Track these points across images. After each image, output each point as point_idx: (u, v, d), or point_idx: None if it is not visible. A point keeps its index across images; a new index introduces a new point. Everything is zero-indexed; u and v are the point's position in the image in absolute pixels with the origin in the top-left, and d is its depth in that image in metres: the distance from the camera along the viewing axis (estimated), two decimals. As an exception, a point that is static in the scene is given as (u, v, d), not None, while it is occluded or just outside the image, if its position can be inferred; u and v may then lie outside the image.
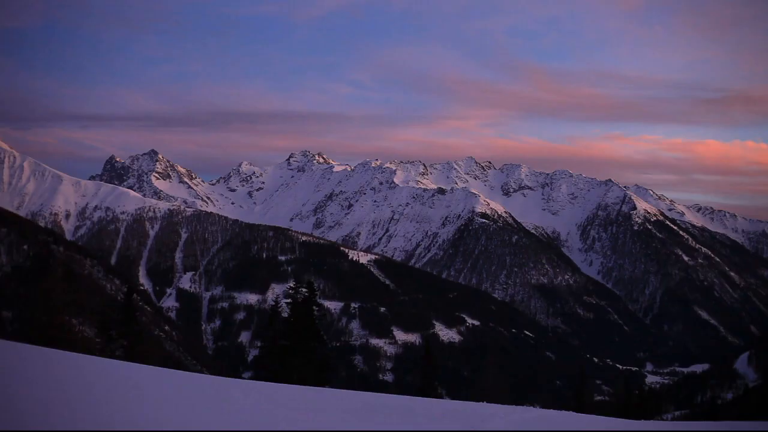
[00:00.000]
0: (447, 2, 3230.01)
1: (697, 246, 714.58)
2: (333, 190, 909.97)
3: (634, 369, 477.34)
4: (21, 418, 19.81)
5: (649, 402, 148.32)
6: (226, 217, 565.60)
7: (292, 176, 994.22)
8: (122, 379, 32.89)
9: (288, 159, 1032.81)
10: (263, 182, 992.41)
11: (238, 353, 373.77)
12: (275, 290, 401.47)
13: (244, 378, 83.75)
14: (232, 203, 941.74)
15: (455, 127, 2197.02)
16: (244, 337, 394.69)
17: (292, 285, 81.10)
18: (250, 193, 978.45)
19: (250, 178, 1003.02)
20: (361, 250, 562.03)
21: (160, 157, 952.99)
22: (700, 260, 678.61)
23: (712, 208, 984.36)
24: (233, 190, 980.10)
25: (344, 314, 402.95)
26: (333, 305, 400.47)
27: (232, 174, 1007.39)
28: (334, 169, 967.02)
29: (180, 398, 30.95)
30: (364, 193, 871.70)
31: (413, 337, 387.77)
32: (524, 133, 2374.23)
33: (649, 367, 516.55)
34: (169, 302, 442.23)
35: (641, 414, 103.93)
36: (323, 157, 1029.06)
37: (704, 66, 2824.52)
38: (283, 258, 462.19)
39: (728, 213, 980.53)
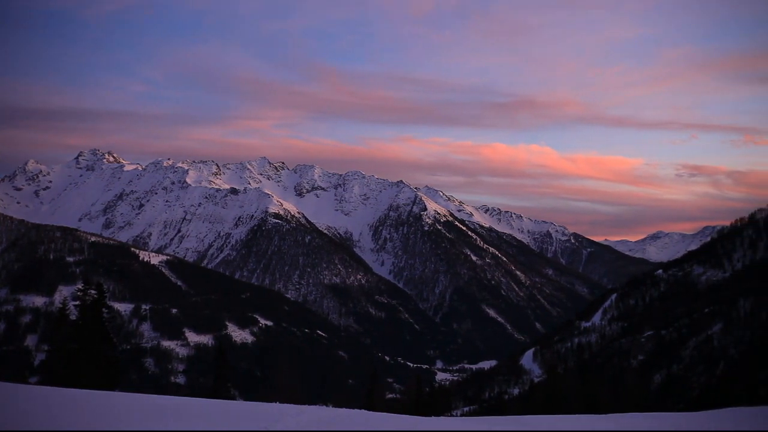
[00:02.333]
0: (242, 1, 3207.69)
1: (485, 246, 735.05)
2: (123, 190, 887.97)
3: (424, 367, 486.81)
4: None
5: (439, 399, 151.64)
6: (11, 217, 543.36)
7: (81, 175, 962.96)
8: None
9: (77, 157, 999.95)
10: (51, 181, 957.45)
11: (24, 358, 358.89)
12: (63, 292, 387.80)
13: (30, 383, 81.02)
14: (18, 203, 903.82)
15: (249, 127, 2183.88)
16: (31, 341, 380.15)
17: (80, 287, 79.12)
18: (36, 193, 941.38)
19: (37, 177, 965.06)
20: (152, 251, 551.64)
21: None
22: (487, 260, 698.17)
23: (499, 209, 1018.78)
24: (19, 189, 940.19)
25: (135, 316, 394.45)
26: (123, 307, 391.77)
27: (17, 172, 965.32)
28: (125, 169, 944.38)
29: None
30: (156, 193, 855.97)
31: (206, 339, 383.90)
32: (318, 134, 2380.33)
33: (439, 364, 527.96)
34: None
35: (432, 411, 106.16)
36: (113, 156, 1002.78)
37: (492, 71, 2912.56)
38: (71, 259, 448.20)
39: (514, 214, 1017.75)
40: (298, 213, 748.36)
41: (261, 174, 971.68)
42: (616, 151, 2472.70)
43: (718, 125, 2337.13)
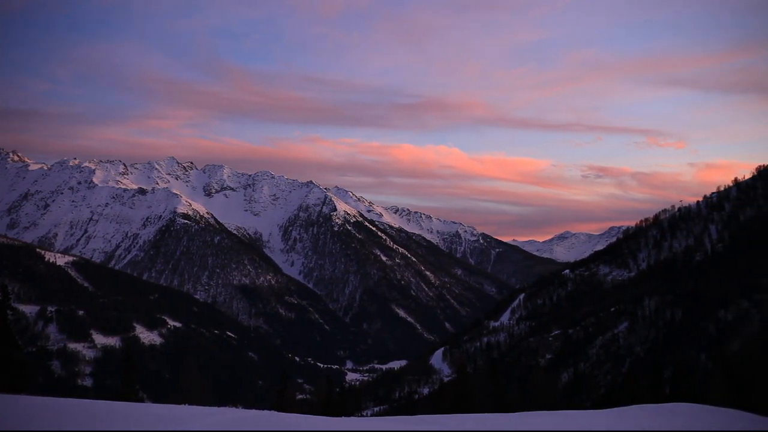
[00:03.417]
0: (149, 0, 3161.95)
1: (395, 246, 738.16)
2: (28, 190, 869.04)
3: (335, 367, 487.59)
4: None
5: (349, 399, 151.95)
6: None
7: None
8: None
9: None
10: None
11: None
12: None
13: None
14: None
15: (156, 127, 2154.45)
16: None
17: (-16, 289, 77.53)
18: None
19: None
20: (58, 252, 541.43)
21: None
22: (397, 260, 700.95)
23: (408, 209, 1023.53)
24: None
25: (40, 318, 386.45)
26: (28, 309, 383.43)
27: None
28: (30, 168, 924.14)
29: None
30: (62, 193, 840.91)
31: (113, 341, 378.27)
32: (226, 134, 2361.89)
33: (349, 364, 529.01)
34: None
35: (342, 411, 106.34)
36: (18, 155, 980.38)
37: (400, 72, 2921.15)
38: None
39: (424, 214, 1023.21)
40: (207, 213, 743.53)
41: (169, 174, 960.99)
42: (523, 153, 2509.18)
43: (622, 127, 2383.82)
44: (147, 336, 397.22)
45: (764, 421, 49.72)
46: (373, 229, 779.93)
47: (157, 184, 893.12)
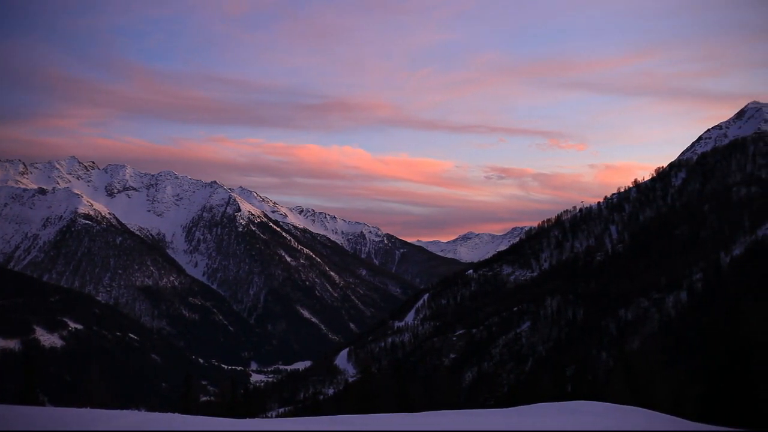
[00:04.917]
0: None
1: (300, 247, 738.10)
2: None
3: (239, 368, 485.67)
4: None
5: (254, 400, 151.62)
6: None
7: None
8: None
9: None
10: None
11: None
12: None
13: None
14: None
15: (56, 126, 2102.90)
16: None
17: None
18: None
19: None
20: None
21: None
22: (302, 261, 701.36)
23: (313, 210, 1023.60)
24: None
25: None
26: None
27: None
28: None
29: None
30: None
31: (12, 343, 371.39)
32: (128, 133, 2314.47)
33: (253, 366, 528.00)
34: None
35: (247, 412, 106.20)
36: None
37: (304, 73, 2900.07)
38: None
39: (328, 215, 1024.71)
40: (109, 214, 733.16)
41: (70, 174, 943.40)
42: (427, 154, 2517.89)
43: (524, 129, 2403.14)
44: (47, 338, 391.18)
45: (662, 418, 51.08)
46: (278, 229, 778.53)
47: (58, 183, 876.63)
